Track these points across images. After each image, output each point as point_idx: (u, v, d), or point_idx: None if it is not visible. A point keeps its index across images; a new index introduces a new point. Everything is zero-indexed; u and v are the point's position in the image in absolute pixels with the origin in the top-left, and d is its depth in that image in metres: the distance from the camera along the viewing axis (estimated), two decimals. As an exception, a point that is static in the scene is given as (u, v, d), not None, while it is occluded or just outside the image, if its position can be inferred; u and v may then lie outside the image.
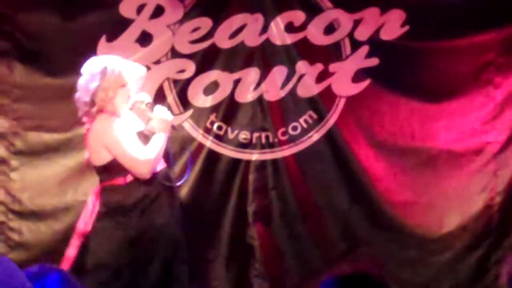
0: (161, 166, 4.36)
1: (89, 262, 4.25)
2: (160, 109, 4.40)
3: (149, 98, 4.48)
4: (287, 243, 5.12)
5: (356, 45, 5.14)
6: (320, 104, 5.14)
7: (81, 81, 4.40)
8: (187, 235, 4.90)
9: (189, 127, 5.12)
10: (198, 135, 5.11)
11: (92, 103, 4.33)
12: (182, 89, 5.12)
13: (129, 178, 4.29)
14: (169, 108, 5.08)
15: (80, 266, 4.24)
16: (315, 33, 5.13)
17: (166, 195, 4.35)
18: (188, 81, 5.12)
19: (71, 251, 4.30)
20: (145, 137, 4.34)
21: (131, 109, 4.41)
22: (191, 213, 5.01)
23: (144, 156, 4.25)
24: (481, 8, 5.15)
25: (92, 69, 4.39)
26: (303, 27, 5.13)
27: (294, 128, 5.14)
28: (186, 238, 4.52)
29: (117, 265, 4.23)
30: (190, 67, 5.11)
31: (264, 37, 5.13)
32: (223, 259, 5.08)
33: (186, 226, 4.49)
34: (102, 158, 4.31)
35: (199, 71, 5.12)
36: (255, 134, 5.14)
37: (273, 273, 5.09)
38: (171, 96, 5.11)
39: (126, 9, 5.09)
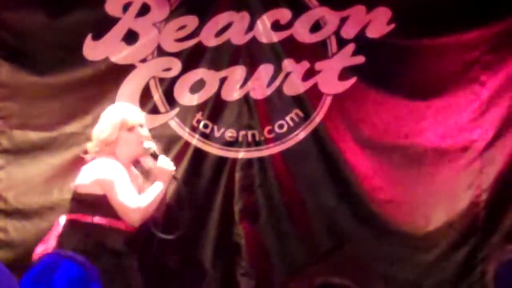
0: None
1: None
2: (163, 158, 4.44)
3: (154, 146, 4.51)
4: (274, 241, 5.12)
5: (342, 43, 5.14)
6: (307, 102, 5.14)
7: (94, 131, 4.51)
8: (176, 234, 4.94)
9: (175, 126, 5.11)
10: (184, 133, 5.11)
11: (98, 144, 4.41)
12: (168, 87, 5.11)
13: (96, 219, 4.31)
14: (155, 106, 5.10)
15: None
16: (301, 31, 5.13)
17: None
18: (174, 79, 5.11)
19: None
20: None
21: (135, 155, 4.43)
22: (178, 211, 5.02)
23: (136, 204, 4.29)
24: (467, 6, 5.15)
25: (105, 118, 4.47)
26: (289, 25, 5.13)
27: (281, 126, 5.14)
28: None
29: None
30: (176, 66, 5.11)
31: (250, 35, 5.13)
32: (210, 257, 5.07)
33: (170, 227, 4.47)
34: (90, 188, 4.35)
35: (185, 69, 5.11)
36: (242, 132, 5.13)
37: (259, 271, 5.09)
38: (157, 95, 5.11)
39: (112, 8, 5.09)
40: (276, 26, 5.13)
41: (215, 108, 5.13)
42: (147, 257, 4.54)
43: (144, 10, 5.09)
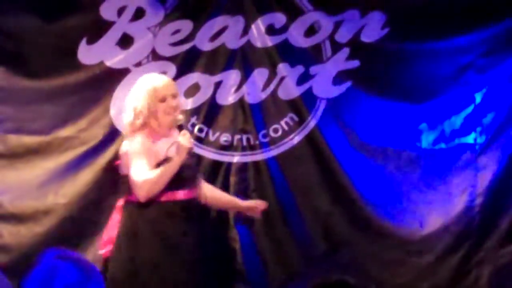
0: (182, 195, 4.32)
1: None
2: (183, 133, 4.31)
3: (181, 121, 4.39)
4: (269, 245, 5.11)
5: (336, 47, 5.15)
6: (301, 106, 5.14)
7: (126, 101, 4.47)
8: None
9: (170, 130, 5.11)
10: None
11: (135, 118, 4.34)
12: (163, 91, 5.10)
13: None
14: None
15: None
16: (296, 36, 5.14)
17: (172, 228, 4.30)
18: (169, 83, 5.11)
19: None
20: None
21: (166, 126, 4.37)
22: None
23: (143, 177, 4.21)
24: (461, 10, 5.17)
25: (134, 88, 4.42)
26: (284, 29, 5.13)
27: (275, 131, 5.14)
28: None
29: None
30: (171, 70, 5.10)
31: (245, 39, 5.13)
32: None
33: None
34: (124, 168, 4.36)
35: (180, 73, 5.11)
36: (236, 137, 5.13)
37: (254, 276, 5.08)
38: (152, 99, 5.10)
39: (106, 12, 5.08)
40: (271, 30, 5.13)
41: (210, 112, 5.13)
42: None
43: (139, 14, 5.09)
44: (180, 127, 4.33)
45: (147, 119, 4.32)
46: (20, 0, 5.04)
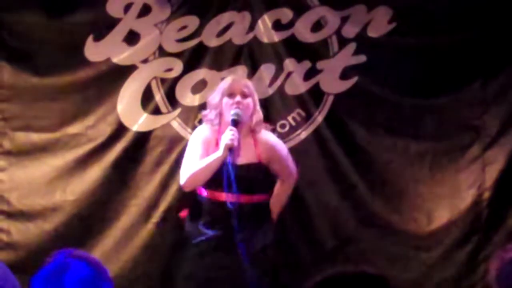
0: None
1: None
2: (229, 128, 4.32)
3: (236, 115, 4.39)
4: (276, 241, 5.11)
5: (343, 42, 5.15)
6: (308, 101, 5.14)
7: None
8: (179, 234, 4.95)
9: (178, 126, 5.11)
10: (186, 133, 5.10)
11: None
12: (170, 88, 5.11)
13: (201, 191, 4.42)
14: (157, 107, 5.10)
15: None
16: (303, 31, 5.13)
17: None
18: (176, 79, 5.11)
19: None
20: None
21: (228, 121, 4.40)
22: (180, 211, 5.01)
23: (186, 168, 4.31)
24: (468, 5, 5.15)
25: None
26: (290, 24, 5.13)
27: (283, 126, 5.14)
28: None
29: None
30: (178, 66, 5.11)
31: (251, 35, 5.13)
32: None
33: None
34: None
35: (186, 69, 5.11)
36: (243, 132, 5.13)
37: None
38: (159, 95, 5.11)
39: (113, 8, 5.09)
40: (277, 25, 5.13)
41: (217, 108, 5.13)
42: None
43: (145, 10, 5.10)
44: (234, 123, 4.32)
45: (215, 112, 4.41)
46: (26, -2, 5.06)
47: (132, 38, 5.09)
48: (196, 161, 4.32)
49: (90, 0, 5.09)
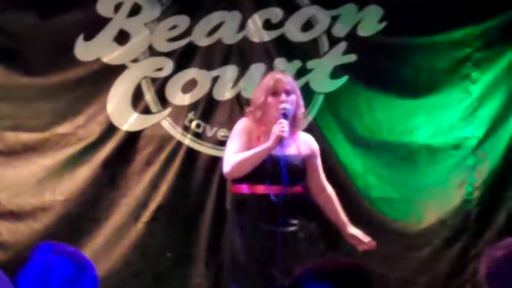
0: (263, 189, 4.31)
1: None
2: (278, 122, 4.29)
3: (286, 109, 4.34)
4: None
5: (333, 41, 5.16)
6: (299, 101, 5.14)
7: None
8: (169, 233, 4.95)
9: (168, 125, 5.11)
10: (176, 133, 5.11)
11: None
12: (160, 87, 5.11)
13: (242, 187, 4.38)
14: (147, 106, 5.09)
15: None
16: (293, 30, 5.14)
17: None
18: (166, 79, 5.11)
19: None
20: None
21: (273, 119, 4.34)
22: (170, 210, 5.03)
23: (229, 156, 4.30)
24: (458, 4, 5.17)
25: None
26: (280, 24, 5.14)
27: (273, 125, 5.13)
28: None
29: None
30: (168, 65, 5.11)
31: (241, 34, 5.14)
32: (203, 256, 5.07)
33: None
34: None
35: (177, 69, 5.12)
36: (234, 132, 5.13)
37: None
38: (149, 94, 5.10)
39: (103, 8, 5.09)
40: (268, 25, 5.14)
41: (207, 108, 5.13)
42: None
43: (135, 10, 5.10)
44: (284, 116, 4.30)
45: (260, 111, 4.38)
46: (17, -3, 5.05)
47: (122, 37, 5.09)
48: (239, 150, 4.30)
49: (80, 0, 5.07)
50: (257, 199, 4.30)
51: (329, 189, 4.55)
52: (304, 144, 4.48)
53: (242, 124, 4.41)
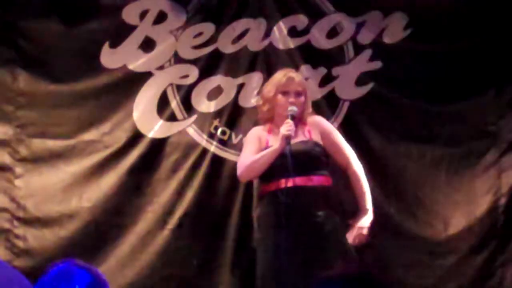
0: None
1: None
2: (286, 121, 4.39)
3: (293, 111, 4.43)
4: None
5: (359, 48, 5.16)
6: (324, 108, 5.13)
7: None
8: (195, 240, 4.95)
9: (193, 133, 5.12)
10: (202, 140, 5.11)
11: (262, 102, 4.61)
12: (186, 94, 5.12)
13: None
14: (173, 113, 5.11)
15: None
16: (318, 37, 5.14)
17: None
18: (192, 86, 5.13)
19: None
20: None
21: (282, 118, 4.44)
22: (196, 217, 5.03)
23: (242, 160, 4.49)
24: (484, 11, 5.15)
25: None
26: (306, 31, 5.14)
27: (298, 133, 5.13)
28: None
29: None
30: (194, 72, 5.12)
31: (267, 41, 5.14)
32: (228, 263, 5.07)
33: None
34: None
35: (202, 76, 5.13)
36: (259, 139, 5.13)
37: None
38: (174, 102, 5.12)
39: (129, 15, 5.11)
40: (293, 32, 5.14)
41: (232, 115, 5.14)
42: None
43: (161, 17, 5.11)
44: (291, 117, 4.39)
45: (269, 104, 4.51)
46: (42, 5, 5.07)
47: (148, 45, 5.11)
48: (251, 154, 4.45)
49: (106, 7, 5.10)
50: (284, 193, 4.35)
51: (356, 168, 4.60)
52: (313, 127, 4.55)
53: (253, 131, 4.58)
